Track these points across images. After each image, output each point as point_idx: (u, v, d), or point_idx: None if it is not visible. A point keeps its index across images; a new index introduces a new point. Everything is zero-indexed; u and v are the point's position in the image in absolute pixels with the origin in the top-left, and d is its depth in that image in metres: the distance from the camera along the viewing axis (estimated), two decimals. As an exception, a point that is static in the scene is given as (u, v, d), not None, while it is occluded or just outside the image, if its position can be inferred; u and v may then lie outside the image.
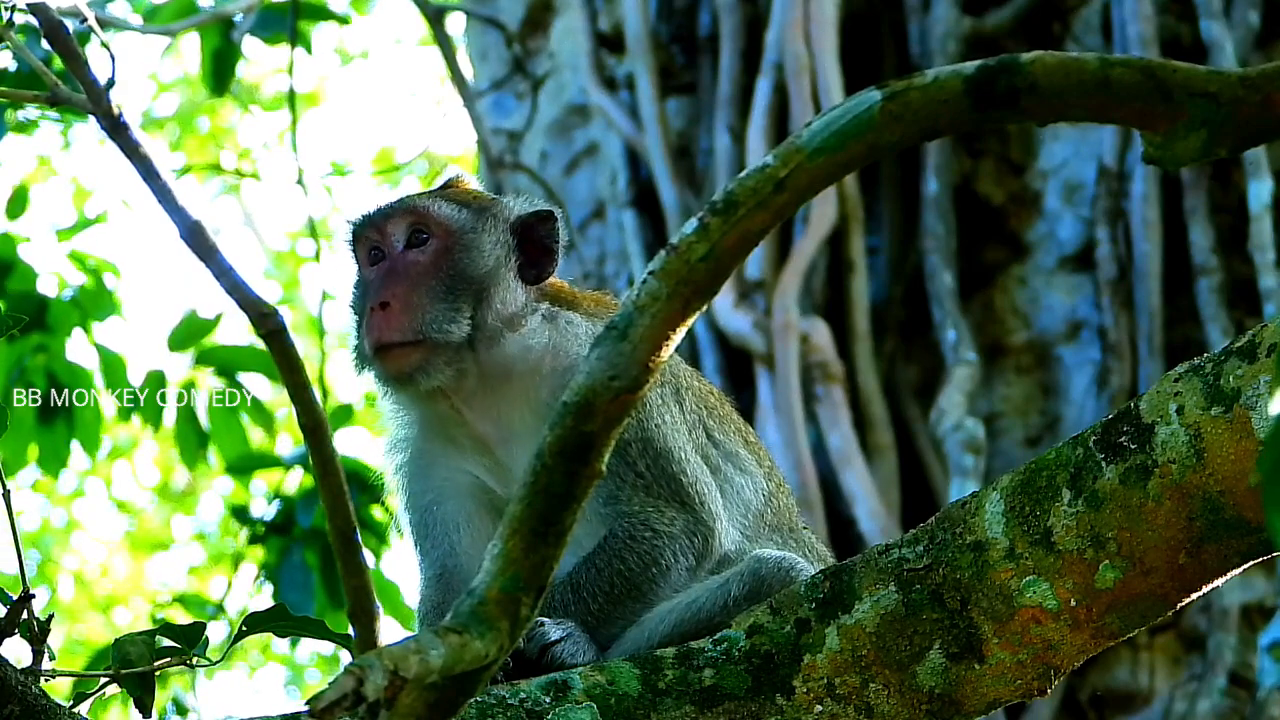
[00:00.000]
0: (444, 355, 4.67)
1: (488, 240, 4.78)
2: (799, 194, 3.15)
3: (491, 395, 4.73)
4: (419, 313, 4.67)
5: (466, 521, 4.75)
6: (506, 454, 4.72)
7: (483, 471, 4.76)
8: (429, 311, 4.68)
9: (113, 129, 3.22)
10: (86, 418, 8.88)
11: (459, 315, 4.69)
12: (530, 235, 4.84)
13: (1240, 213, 9.13)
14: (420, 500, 4.79)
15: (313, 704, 2.83)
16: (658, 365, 3.16)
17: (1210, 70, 3.13)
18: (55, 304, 8.93)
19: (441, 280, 4.72)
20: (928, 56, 9.63)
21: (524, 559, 3.11)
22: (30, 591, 4.10)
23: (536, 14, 10.76)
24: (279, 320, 3.18)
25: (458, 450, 4.78)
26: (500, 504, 4.69)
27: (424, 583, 4.77)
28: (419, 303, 4.68)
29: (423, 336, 4.66)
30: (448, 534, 4.75)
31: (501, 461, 4.73)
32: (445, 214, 4.80)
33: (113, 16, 9.74)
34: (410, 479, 4.81)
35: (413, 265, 4.73)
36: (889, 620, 4.17)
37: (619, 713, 4.15)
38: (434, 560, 4.75)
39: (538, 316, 4.77)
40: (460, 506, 4.76)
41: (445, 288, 4.71)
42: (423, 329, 4.66)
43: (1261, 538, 4.01)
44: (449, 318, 4.68)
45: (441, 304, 4.69)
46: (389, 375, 4.69)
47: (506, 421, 4.73)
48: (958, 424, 8.93)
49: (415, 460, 4.81)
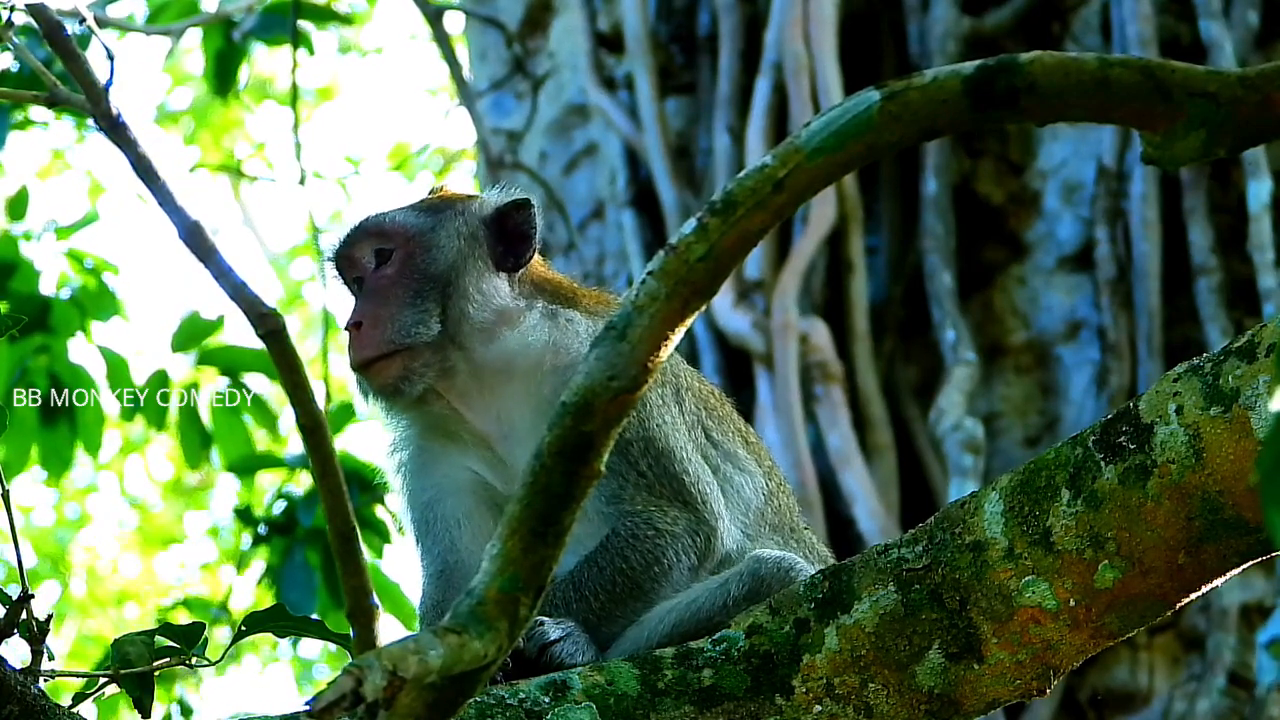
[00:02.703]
0: (422, 357, 4.71)
1: (445, 236, 4.82)
2: (798, 194, 3.16)
3: (490, 393, 4.74)
4: (388, 323, 4.72)
5: (467, 518, 4.76)
6: (507, 451, 4.73)
7: (484, 468, 4.77)
8: (396, 319, 4.73)
9: (112, 130, 3.22)
10: (89, 418, 8.88)
11: (426, 315, 4.73)
12: (506, 225, 4.87)
13: (1240, 212, 9.13)
14: (420, 497, 4.81)
15: (312, 704, 2.83)
16: (656, 365, 3.16)
17: (1209, 70, 3.13)
18: (58, 305, 8.93)
19: (407, 287, 4.77)
20: (927, 56, 9.63)
21: (523, 559, 3.11)
22: (30, 592, 4.10)
23: (536, 14, 10.76)
24: (278, 320, 3.19)
25: (458, 448, 4.79)
26: (501, 501, 4.71)
27: (425, 580, 4.79)
28: (387, 314, 4.73)
29: (395, 345, 4.71)
30: (448, 531, 4.77)
31: (503, 458, 4.74)
32: (400, 222, 4.85)
33: (112, 18, 9.74)
34: (410, 477, 4.84)
35: (382, 280, 4.79)
36: (888, 620, 4.17)
37: (618, 713, 4.15)
38: (435, 557, 4.76)
39: (536, 313, 4.79)
40: (460, 503, 4.77)
41: (412, 292, 4.76)
42: (393, 337, 4.71)
43: (1260, 537, 4.01)
44: (416, 319, 4.73)
45: (408, 309, 4.74)
46: (376, 390, 4.74)
47: (507, 419, 4.74)
48: (957, 424, 8.93)
49: (415, 458, 4.84)
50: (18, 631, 4.10)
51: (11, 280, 8.92)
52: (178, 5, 9.88)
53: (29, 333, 8.77)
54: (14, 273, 8.94)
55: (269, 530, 8.98)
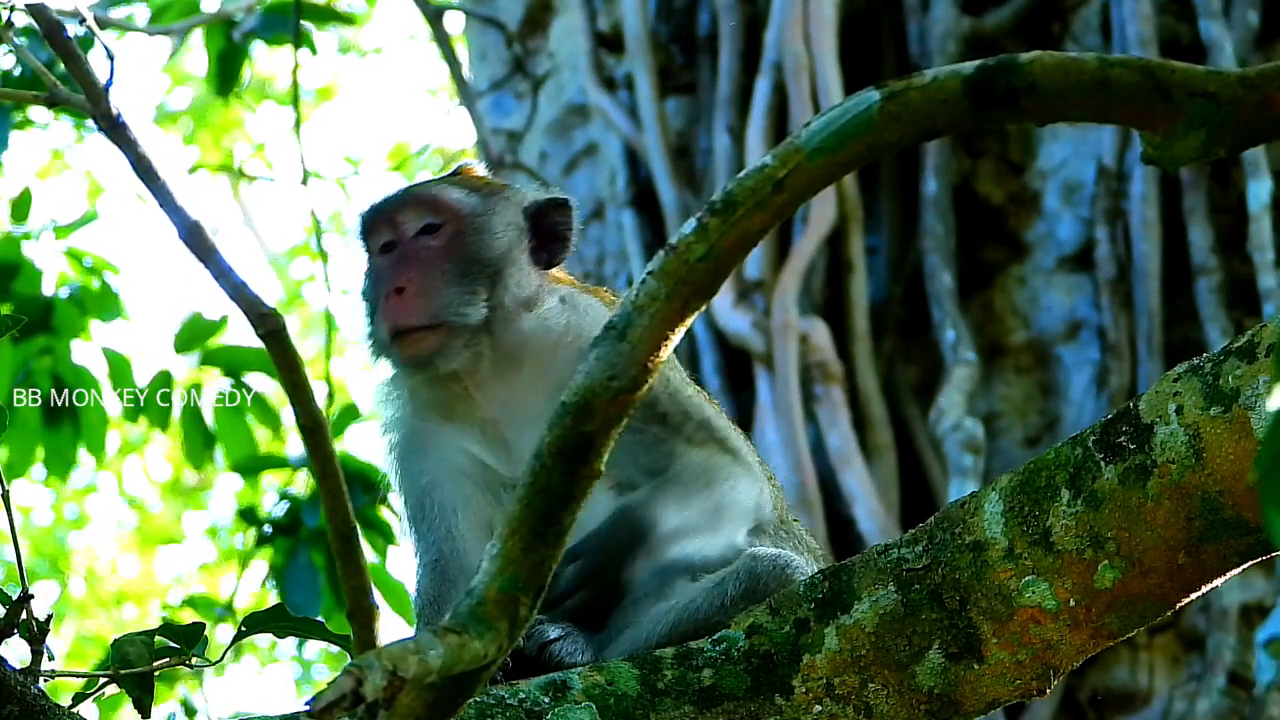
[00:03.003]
0: (462, 338, 4.66)
1: (499, 223, 4.79)
2: (798, 194, 3.16)
3: (505, 377, 4.72)
4: (435, 296, 4.66)
5: (464, 505, 4.73)
6: (515, 435, 4.71)
7: (484, 450, 4.74)
8: (445, 295, 4.67)
9: (112, 130, 3.22)
10: (92, 419, 8.88)
11: (475, 298, 4.69)
12: (543, 221, 4.86)
13: (1240, 212, 9.14)
14: (417, 481, 4.76)
15: (312, 704, 2.83)
16: (656, 365, 3.16)
17: (1209, 70, 3.13)
18: (61, 306, 8.93)
19: (456, 264, 4.71)
20: (927, 56, 9.63)
21: (523, 559, 3.11)
22: (30, 592, 4.10)
23: (536, 14, 10.77)
24: (278, 320, 3.19)
25: (456, 428, 4.76)
26: (500, 485, 4.70)
27: (420, 570, 4.74)
28: (434, 286, 4.67)
29: (440, 320, 4.66)
30: (445, 518, 4.73)
31: (508, 441, 4.72)
32: (455, 199, 4.80)
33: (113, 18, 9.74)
34: (405, 460, 4.79)
35: (425, 251, 4.72)
36: (888, 620, 4.17)
37: (618, 713, 4.15)
38: (430, 545, 4.72)
39: (555, 298, 4.79)
40: (458, 489, 4.73)
41: (460, 271, 4.70)
42: (440, 312, 4.66)
43: (1260, 537, 4.01)
44: (465, 300, 4.68)
45: (457, 287, 4.68)
46: (407, 359, 4.67)
47: (520, 401, 4.72)
48: (957, 424, 8.93)
49: (411, 440, 4.79)
50: (18, 631, 4.10)
51: (15, 282, 8.92)
52: (179, 5, 9.88)
53: (33, 334, 8.77)
54: (17, 274, 8.95)
55: (273, 531, 8.98)
